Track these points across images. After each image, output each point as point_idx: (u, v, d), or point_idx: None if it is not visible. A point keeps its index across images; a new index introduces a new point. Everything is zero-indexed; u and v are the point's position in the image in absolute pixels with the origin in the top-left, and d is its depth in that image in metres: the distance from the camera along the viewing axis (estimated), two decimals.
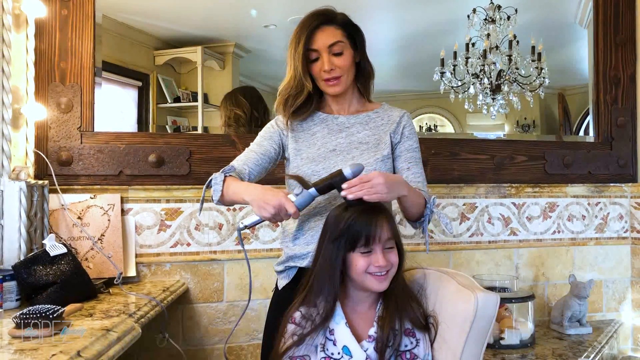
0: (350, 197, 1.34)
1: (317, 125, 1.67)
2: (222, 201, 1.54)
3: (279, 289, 1.65)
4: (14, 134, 1.93)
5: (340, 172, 1.39)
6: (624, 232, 2.82)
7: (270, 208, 1.39)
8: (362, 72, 1.66)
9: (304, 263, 1.57)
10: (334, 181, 1.39)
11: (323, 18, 1.59)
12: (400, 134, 1.65)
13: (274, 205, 1.38)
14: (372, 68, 1.67)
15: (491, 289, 2.33)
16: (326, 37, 1.57)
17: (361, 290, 1.37)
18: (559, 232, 2.72)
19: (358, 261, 1.31)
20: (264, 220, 1.46)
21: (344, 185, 1.36)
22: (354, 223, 1.31)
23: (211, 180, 1.54)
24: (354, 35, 1.62)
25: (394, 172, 1.66)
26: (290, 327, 1.34)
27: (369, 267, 1.31)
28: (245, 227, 1.51)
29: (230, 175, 1.55)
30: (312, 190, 1.42)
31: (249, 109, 2.48)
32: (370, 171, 1.51)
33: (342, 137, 1.64)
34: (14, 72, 1.91)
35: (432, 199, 1.56)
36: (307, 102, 1.63)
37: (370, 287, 1.33)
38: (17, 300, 1.69)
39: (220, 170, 1.56)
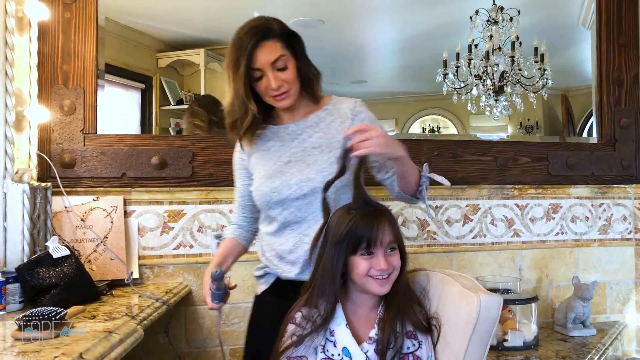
0: (354, 152, 1.35)
1: (270, 140, 1.61)
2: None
3: (258, 294, 1.65)
4: (17, 136, 1.93)
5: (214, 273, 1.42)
6: (628, 234, 2.80)
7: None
8: (306, 79, 1.56)
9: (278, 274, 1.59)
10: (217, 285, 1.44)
11: (261, 34, 1.47)
12: None
13: (204, 299, 1.50)
14: (315, 71, 1.58)
15: (494, 290, 2.32)
16: (267, 54, 1.47)
17: (363, 293, 1.36)
18: (562, 233, 2.71)
19: (359, 264, 1.31)
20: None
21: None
22: (355, 226, 1.31)
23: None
24: (293, 44, 1.52)
25: (366, 166, 1.59)
26: (291, 328, 1.34)
27: (370, 270, 1.30)
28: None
29: (220, 242, 1.68)
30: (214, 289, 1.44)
31: (206, 117, 2.50)
32: (324, 176, 1.48)
33: (295, 145, 1.58)
34: (17, 75, 1.91)
35: (424, 165, 1.57)
36: (253, 122, 1.56)
37: (371, 290, 1.33)
38: (20, 302, 1.69)
39: (214, 235, 1.72)
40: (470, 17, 2.83)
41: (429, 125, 3.04)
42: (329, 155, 1.53)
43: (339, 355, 1.31)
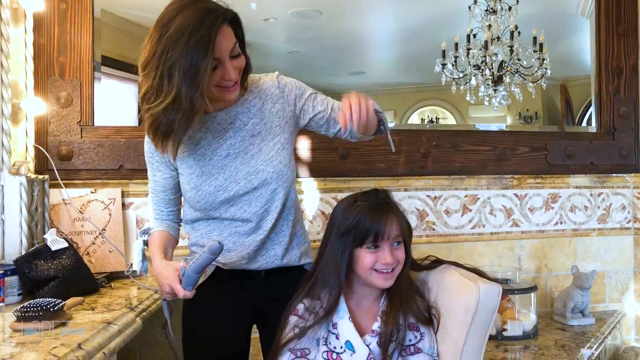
0: (353, 127, 1.24)
1: (196, 132, 1.41)
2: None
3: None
4: (14, 128, 1.92)
5: (204, 252, 1.24)
6: (627, 223, 2.81)
7: (166, 294, 1.34)
8: (247, 66, 1.40)
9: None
10: (204, 261, 1.24)
11: (222, 17, 1.28)
12: (293, 104, 1.47)
13: (167, 291, 1.31)
14: (249, 59, 1.41)
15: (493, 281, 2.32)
16: (227, 41, 1.29)
17: (366, 286, 1.36)
18: (561, 223, 2.72)
19: (365, 258, 1.30)
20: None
21: (341, 120, 1.25)
22: (363, 219, 1.29)
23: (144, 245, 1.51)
24: (238, 28, 1.35)
25: (321, 124, 1.51)
26: (293, 319, 1.34)
27: (375, 264, 1.30)
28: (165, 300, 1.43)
29: (151, 234, 1.49)
30: (190, 271, 1.25)
31: None
32: (274, 165, 1.41)
33: (230, 136, 1.42)
34: (13, 67, 1.90)
35: (373, 102, 1.39)
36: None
37: (375, 284, 1.32)
38: (18, 294, 1.68)
39: (140, 232, 1.52)
40: (469, 7, 2.81)
41: (428, 116, 3.03)
42: (274, 143, 1.44)
43: (341, 347, 1.30)
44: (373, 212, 1.30)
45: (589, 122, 2.91)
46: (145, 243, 1.51)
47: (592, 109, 2.88)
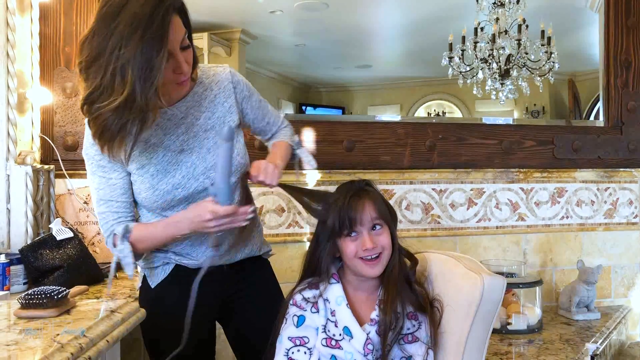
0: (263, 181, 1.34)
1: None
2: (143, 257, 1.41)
3: (152, 286, 1.47)
4: (20, 118, 1.92)
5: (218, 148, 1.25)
6: (634, 218, 2.79)
7: (212, 225, 1.25)
8: (195, 56, 1.33)
9: (183, 261, 1.45)
10: (225, 158, 1.23)
11: (172, 7, 1.19)
12: (240, 102, 1.46)
13: (209, 218, 1.24)
14: (195, 50, 1.34)
15: (498, 274, 2.32)
16: (177, 32, 1.21)
17: (358, 275, 1.36)
18: (567, 217, 2.70)
19: (347, 247, 1.31)
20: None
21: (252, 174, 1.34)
22: (336, 209, 1.31)
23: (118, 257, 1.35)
24: (185, 17, 1.27)
25: (254, 132, 1.59)
26: (292, 309, 1.35)
27: (358, 251, 1.30)
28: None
29: (132, 229, 1.34)
30: (220, 182, 1.24)
31: None
32: (233, 158, 1.35)
33: (182, 132, 1.36)
34: (19, 56, 1.90)
35: (295, 142, 1.56)
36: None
37: (362, 272, 1.32)
38: (24, 283, 1.69)
39: (121, 237, 1.32)
40: (477, 0, 2.80)
41: (434, 110, 3.02)
42: None
43: (340, 335, 1.31)
44: (345, 200, 1.32)
45: (596, 118, 2.89)
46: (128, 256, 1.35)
47: (599, 104, 2.86)
